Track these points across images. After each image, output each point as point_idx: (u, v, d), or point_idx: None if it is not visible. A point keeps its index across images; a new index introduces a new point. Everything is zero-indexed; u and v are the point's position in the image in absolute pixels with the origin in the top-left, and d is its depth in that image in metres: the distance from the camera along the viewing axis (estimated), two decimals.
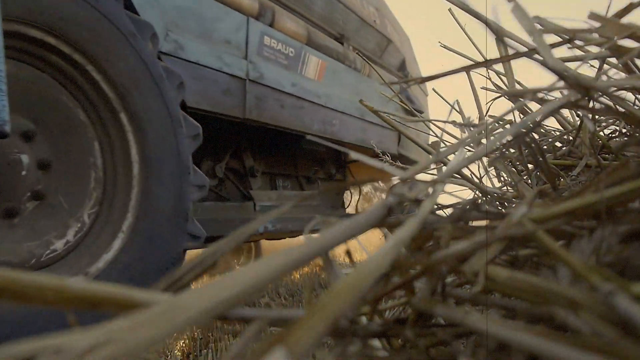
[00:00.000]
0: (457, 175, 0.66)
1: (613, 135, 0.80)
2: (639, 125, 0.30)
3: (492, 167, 0.81)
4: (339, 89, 2.73)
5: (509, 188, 0.83)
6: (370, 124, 3.05)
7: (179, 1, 1.75)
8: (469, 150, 0.65)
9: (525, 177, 0.70)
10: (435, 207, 0.65)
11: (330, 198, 3.58)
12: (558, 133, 0.83)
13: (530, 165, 0.72)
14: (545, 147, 0.76)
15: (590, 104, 0.39)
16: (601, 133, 0.78)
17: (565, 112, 0.85)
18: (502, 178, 0.87)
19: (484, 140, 0.56)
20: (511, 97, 0.40)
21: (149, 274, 1.38)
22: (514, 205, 0.59)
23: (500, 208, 0.63)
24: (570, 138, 0.75)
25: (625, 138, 0.64)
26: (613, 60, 0.43)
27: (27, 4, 1.17)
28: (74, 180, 1.36)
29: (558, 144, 0.79)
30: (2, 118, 0.97)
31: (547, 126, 0.91)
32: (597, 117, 0.72)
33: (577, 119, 0.84)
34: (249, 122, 2.07)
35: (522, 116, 0.69)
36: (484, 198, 0.61)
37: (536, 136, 0.83)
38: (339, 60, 2.76)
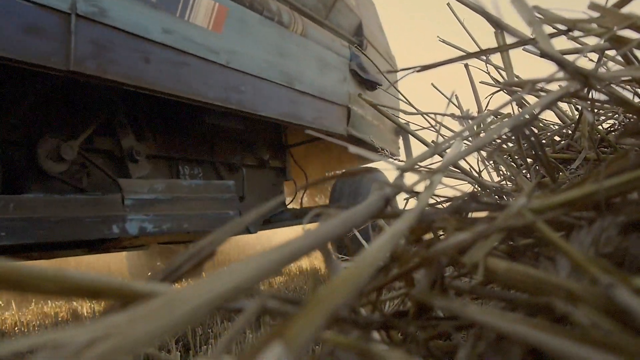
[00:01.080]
0: (455, 170, 0.66)
1: (612, 128, 0.80)
2: (638, 114, 0.30)
3: (491, 162, 0.81)
4: (252, 46, 2.05)
5: (508, 182, 0.83)
6: (303, 95, 2.37)
7: None
8: (467, 144, 0.65)
9: (524, 172, 0.70)
10: (434, 200, 0.65)
11: (262, 190, 2.87)
12: (557, 127, 0.83)
13: (529, 160, 0.72)
14: (544, 141, 0.76)
15: (590, 95, 0.39)
16: (600, 127, 0.78)
17: (564, 106, 0.85)
18: (501, 173, 0.87)
19: (482, 134, 0.56)
20: (510, 90, 0.40)
21: None
22: (513, 199, 0.59)
23: (499, 201, 0.63)
24: (569, 132, 0.75)
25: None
26: (612, 52, 0.43)
27: None
28: None
29: (557, 138, 0.79)
30: None
31: (545, 120, 0.91)
32: (595, 110, 0.72)
33: (576, 112, 0.84)
34: (82, 77, 1.45)
35: (520, 110, 0.69)
36: (483, 191, 0.61)
37: (535, 130, 0.83)
38: (253, 9, 2.06)
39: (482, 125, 0.54)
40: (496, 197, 0.61)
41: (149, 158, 2.17)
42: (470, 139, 0.62)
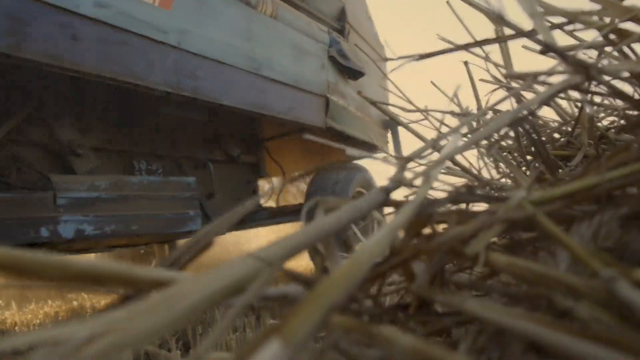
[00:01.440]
0: (455, 167, 0.66)
1: (611, 125, 0.80)
2: (638, 107, 0.30)
3: (490, 159, 0.81)
4: (211, 26, 1.80)
5: (507, 179, 0.83)
6: (274, 83, 2.09)
7: None
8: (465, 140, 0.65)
9: (523, 169, 0.70)
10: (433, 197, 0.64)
11: (233, 187, 2.61)
12: (556, 124, 0.83)
13: (528, 157, 0.72)
14: (543, 138, 0.76)
15: (590, 89, 0.39)
16: (599, 124, 0.78)
17: (564, 103, 0.85)
18: (500, 170, 0.87)
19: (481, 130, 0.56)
20: (509, 82, 0.40)
21: None
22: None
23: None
24: (569, 129, 0.75)
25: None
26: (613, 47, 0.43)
27: None
28: None
29: (556, 135, 0.79)
30: None
31: (545, 117, 0.91)
32: (595, 107, 0.72)
33: (576, 110, 0.84)
34: None
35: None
36: (482, 186, 0.61)
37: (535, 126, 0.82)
38: None
39: (480, 122, 0.54)
40: (495, 193, 0.61)
41: (95, 151, 1.88)
42: (469, 135, 0.61)
